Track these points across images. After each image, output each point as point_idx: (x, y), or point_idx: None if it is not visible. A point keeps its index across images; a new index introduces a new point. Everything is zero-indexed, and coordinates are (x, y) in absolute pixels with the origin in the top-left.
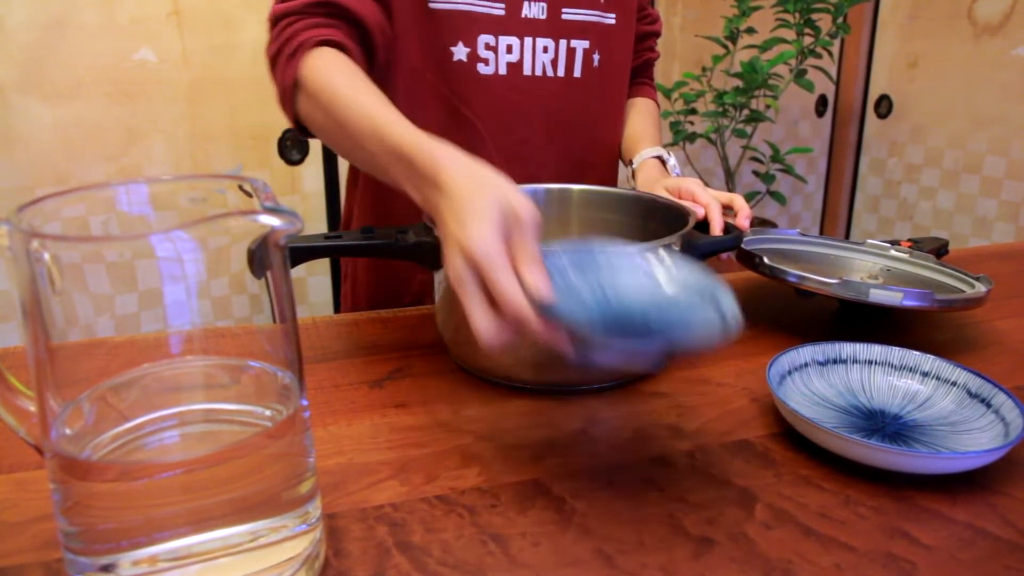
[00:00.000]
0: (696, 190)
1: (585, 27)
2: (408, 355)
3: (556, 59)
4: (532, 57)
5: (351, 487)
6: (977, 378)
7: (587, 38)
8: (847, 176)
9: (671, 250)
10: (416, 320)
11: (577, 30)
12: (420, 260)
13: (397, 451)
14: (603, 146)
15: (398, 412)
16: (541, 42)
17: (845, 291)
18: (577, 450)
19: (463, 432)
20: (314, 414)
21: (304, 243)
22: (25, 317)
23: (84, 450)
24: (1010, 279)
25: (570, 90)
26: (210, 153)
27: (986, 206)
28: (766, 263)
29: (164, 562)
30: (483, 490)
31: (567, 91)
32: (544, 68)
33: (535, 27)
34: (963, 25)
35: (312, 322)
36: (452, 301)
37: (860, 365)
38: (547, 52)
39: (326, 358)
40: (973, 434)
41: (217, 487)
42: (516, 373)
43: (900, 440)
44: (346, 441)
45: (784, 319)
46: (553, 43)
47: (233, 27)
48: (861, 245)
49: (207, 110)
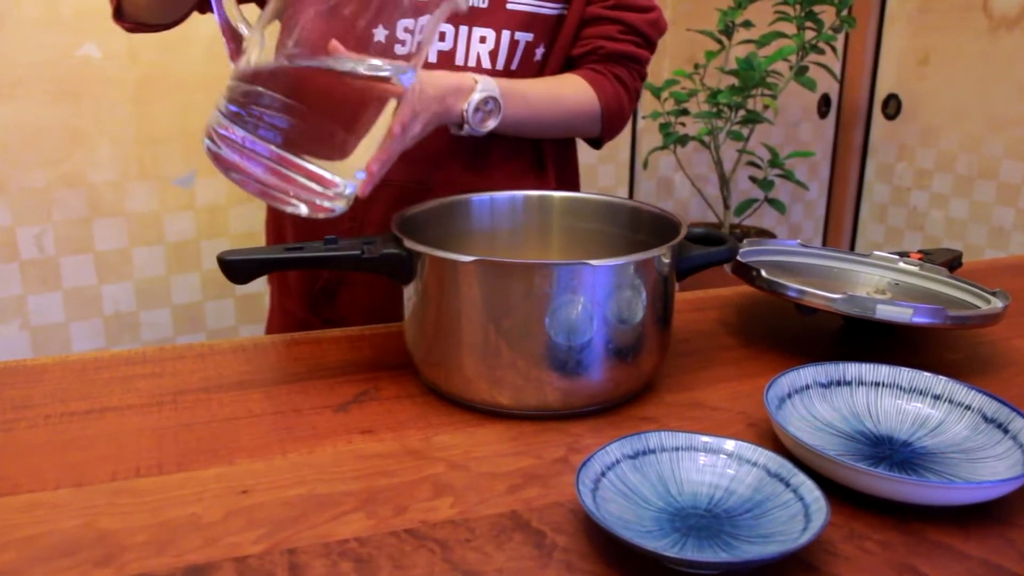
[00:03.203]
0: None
1: (531, 19)
2: (375, 377)
3: (496, 51)
4: (467, 47)
5: (313, 520)
6: (993, 401)
7: (532, 31)
8: (852, 182)
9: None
10: (383, 339)
11: (522, 22)
12: (389, 273)
13: (363, 481)
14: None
15: (364, 438)
16: (479, 31)
17: (850, 307)
18: (558, 480)
19: (435, 460)
20: (273, 441)
21: (262, 255)
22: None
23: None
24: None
25: None
26: (160, 157)
27: (1003, 215)
28: (764, 277)
29: None
30: (456, 523)
31: None
32: (479, 59)
33: (475, 16)
34: (978, 18)
35: (271, 341)
36: (422, 318)
37: (866, 387)
38: (484, 43)
39: (286, 380)
40: (989, 462)
41: None
42: (492, 396)
43: (909, 469)
44: (308, 470)
45: (783, 337)
46: (493, 33)
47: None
48: (867, 257)
49: (156, 110)
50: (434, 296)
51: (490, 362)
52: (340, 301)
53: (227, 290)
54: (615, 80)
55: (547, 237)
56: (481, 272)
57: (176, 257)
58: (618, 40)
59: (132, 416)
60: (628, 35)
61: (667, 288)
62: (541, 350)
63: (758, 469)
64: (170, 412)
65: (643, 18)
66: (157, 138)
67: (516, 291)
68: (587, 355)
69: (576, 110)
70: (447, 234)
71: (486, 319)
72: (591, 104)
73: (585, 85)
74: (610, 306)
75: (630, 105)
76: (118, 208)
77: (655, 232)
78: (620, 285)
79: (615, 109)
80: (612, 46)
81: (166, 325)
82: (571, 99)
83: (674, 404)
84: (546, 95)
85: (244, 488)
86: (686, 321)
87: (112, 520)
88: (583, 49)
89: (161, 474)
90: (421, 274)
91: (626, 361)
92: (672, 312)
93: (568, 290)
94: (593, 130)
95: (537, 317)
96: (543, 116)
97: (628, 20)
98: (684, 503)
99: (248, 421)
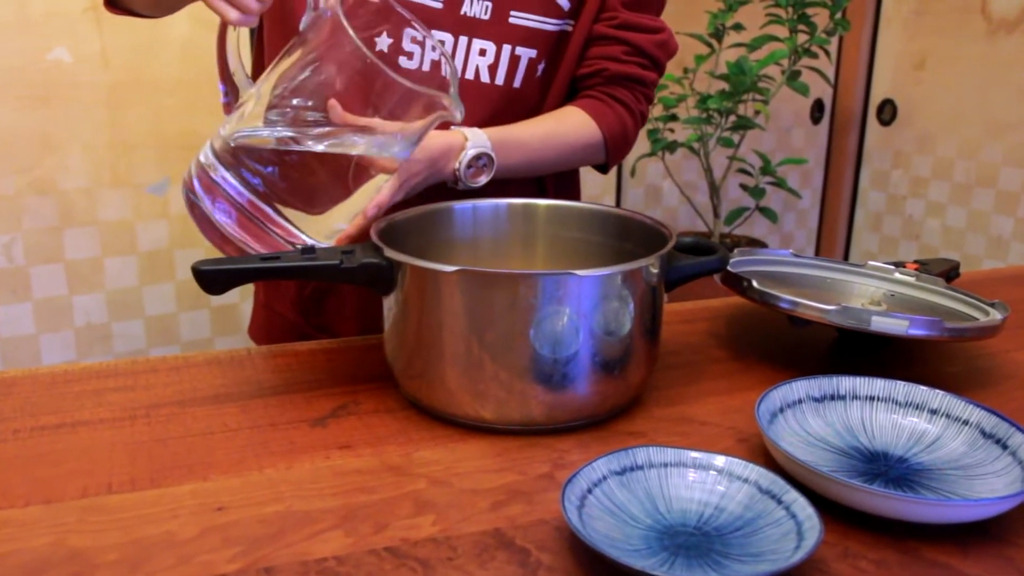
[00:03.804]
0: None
1: (534, 34)
2: (354, 390)
3: (495, 65)
4: (465, 58)
5: (290, 537)
6: (992, 416)
7: (535, 47)
8: (846, 190)
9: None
10: (362, 351)
11: (524, 36)
12: (368, 283)
13: (342, 497)
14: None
15: (343, 454)
16: (479, 44)
17: (844, 319)
18: (543, 497)
19: (415, 476)
20: (248, 456)
21: (238, 265)
22: None
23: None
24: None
25: (507, 101)
26: (133, 164)
27: (1002, 224)
28: (755, 287)
29: None
30: (438, 541)
31: (503, 102)
32: (478, 72)
33: (475, 27)
34: (976, 21)
35: (247, 353)
36: (403, 329)
37: (861, 401)
38: (484, 56)
39: (262, 393)
40: (987, 479)
41: None
42: (475, 410)
43: (905, 486)
44: (285, 486)
45: (775, 350)
46: (494, 47)
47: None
48: (862, 267)
49: (129, 116)
50: (415, 307)
51: (473, 375)
52: (327, 308)
53: (202, 301)
54: (618, 105)
55: (532, 246)
56: (464, 282)
57: (149, 267)
58: (623, 62)
59: (104, 431)
60: (634, 56)
61: (655, 299)
62: (525, 363)
63: (749, 486)
64: (143, 427)
65: (650, 39)
66: (130, 144)
67: (500, 302)
68: (573, 368)
69: (577, 145)
70: (429, 243)
71: (469, 331)
72: (592, 137)
73: (585, 118)
74: (596, 318)
75: (635, 130)
76: (90, 216)
77: (643, 241)
78: (607, 296)
79: (619, 137)
80: (616, 68)
81: (139, 337)
82: (571, 136)
83: (662, 419)
84: (543, 136)
85: (219, 505)
86: (675, 333)
87: (83, 538)
88: (587, 70)
89: (134, 490)
90: (402, 284)
91: (613, 374)
92: (660, 324)
93: (553, 301)
94: (597, 159)
95: (521, 329)
96: (541, 159)
97: (634, 41)
98: (673, 521)
99: (223, 436)
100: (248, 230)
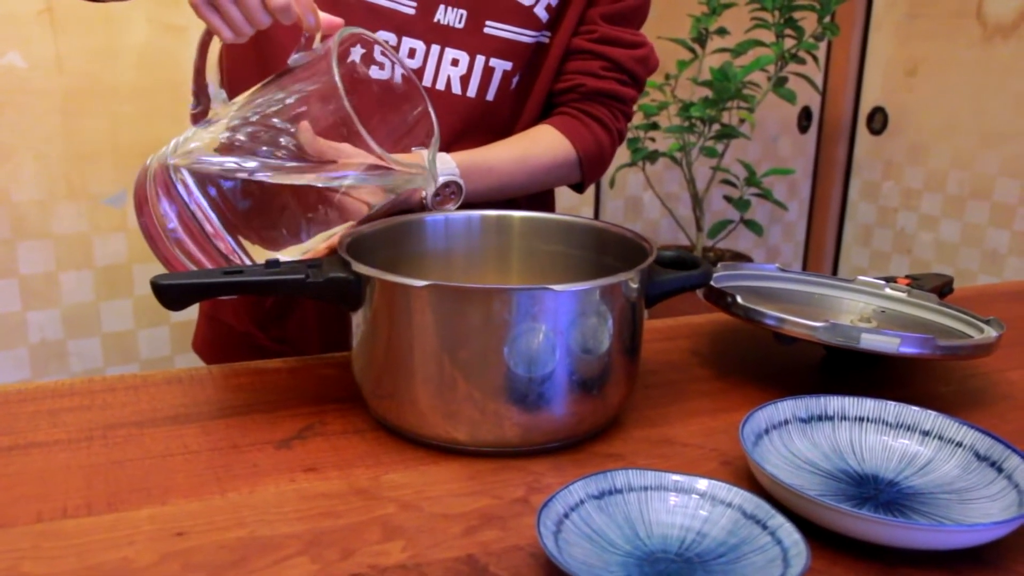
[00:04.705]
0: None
1: (510, 46)
2: (320, 410)
3: (468, 76)
4: (437, 67)
5: (254, 564)
6: (986, 438)
7: (510, 59)
8: (834, 202)
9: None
10: (329, 369)
11: (499, 48)
12: (336, 299)
13: (307, 522)
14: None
15: (308, 477)
16: (452, 53)
17: (832, 336)
18: (518, 521)
19: (385, 500)
20: (210, 479)
21: (199, 279)
22: None
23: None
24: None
25: (479, 114)
26: (88, 174)
27: (997, 238)
28: (740, 303)
29: None
30: (408, 568)
31: (474, 115)
32: (449, 83)
33: (448, 36)
34: (971, 25)
35: (209, 372)
36: (372, 347)
37: (849, 423)
38: (457, 66)
39: (224, 413)
40: (981, 504)
41: None
42: (447, 432)
43: (896, 510)
44: (247, 511)
45: (761, 369)
46: (467, 57)
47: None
48: (851, 283)
49: (85, 124)
50: (384, 323)
51: (445, 395)
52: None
53: (161, 317)
54: (594, 123)
55: (506, 260)
56: (435, 298)
57: (106, 282)
58: (601, 77)
59: (59, 452)
60: (612, 72)
61: (635, 315)
62: (499, 382)
63: (733, 510)
64: (100, 448)
65: (630, 54)
66: (86, 154)
67: (473, 318)
68: (549, 387)
69: (550, 167)
70: (399, 257)
71: (440, 348)
72: (567, 157)
73: (559, 138)
74: (574, 335)
75: (612, 148)
76: (44, 229)
77: (622, 255)
78: (585, 312)
79: (595, 157)
80: (594, 83)
81: (95, 355)
82: (544, 158)
83: (642, 440)
84: (514, 160)
85: (179, 530)
86: (656, 351)
87: (37, 564)
88: (564, 85)
89: (90, 515)
90: (370, 300)
91: (591, 394)
92: (641, 341)
93: (528, 317)
94: (572, 180)
95: (495, 346)
96: (512, 182)
97: (613, 56)
98: (653, 547)
99: (184, 458)
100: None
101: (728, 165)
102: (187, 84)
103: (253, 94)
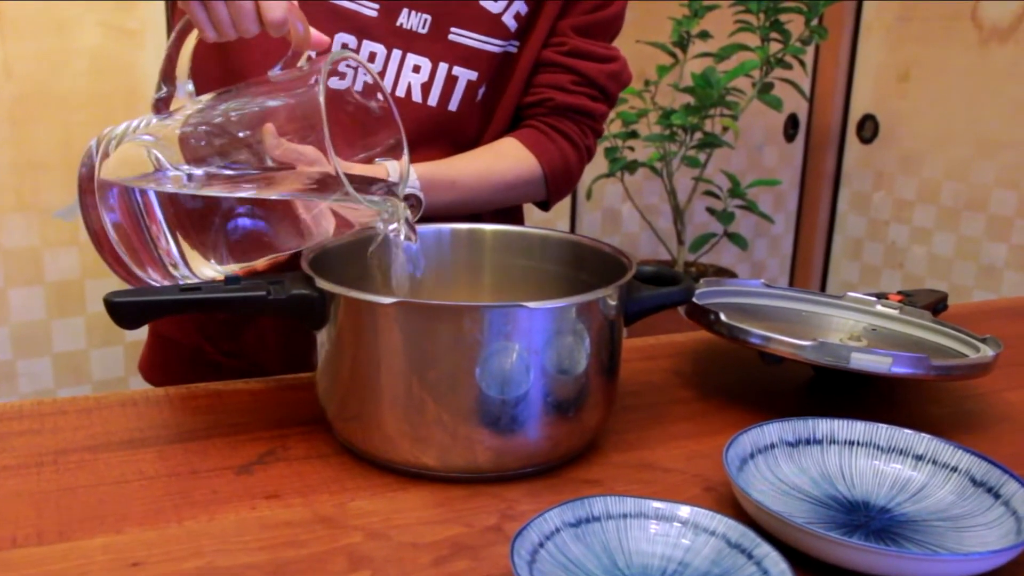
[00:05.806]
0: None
1: (475, 55)
2: (282, 434)
3: (429, 84)
4: (397, 73)
5: None
6: (983, 462)
7: (475, 68)
8: (823, 214)
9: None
10: (292, 390)
11: (464, 56)
12: (299, 316)
13: (269, 552)
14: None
15: (270, 504)
16: (413, 59)
17: (821, 355)
18: (490, 551)
19: (350, 529)
20: (167, 507)
21: (155, 296)
22: None
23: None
24: (1022, 341)
25: (439, 124)
26: (40, 185)
27: (993, 251)
28: (724, 321)
29: None
30: None
31: (434, 125)
32: (409, 90)
33: (410, 41)
34: (966, 28)
35: (165, 394)
36: (337, 367)
37: (839, 446)
38: (418, 73)
39: (181, 438)
40: (978, 531)
41: None
42: (416, 456)
43: (888, 539)
44: (206, 540)
45: (746, 390)
46: (429, 64)
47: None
48: (840, 299)
49: (35, 132)
50: (350, 343)
51: (413, 418)
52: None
53: (115, 336)
54: (561, 139)
55: (478, 276)
56: (403, 315)
57: (57, 299)
58: (571, 92)
59: (7, 479)
60: (582, 87)
61: (613, 334)
62: (471, 404)
63: (716, 539)
64: (51, 474)
65: (601, 69)
66: (36, 163)
67: (443, 337)
68: (523, 410)
69: (515, 183)
70: (365, 272)
71: (409, 369)
72: (531, 173)
73: (524, 153)
74: (549, 354)
75: (579, 165)
76: None
77: (600, 270)
78: (560, 331)
79: (560, 172)
80: (563, 98)
81: (46, 375)
82: (508, 173)
83: (621, 465)
84: (477, 174)
85: (134, 560)
86: (635, 371)
87: None
88: (532, 99)
89: (40, 544)
90: (335, 318)
91: (567, 416)
92: (619, 361)
93: (501, 336)
94: (537, 197)
95: (466, 367)
96: (475, 198)
97: (583, 70)
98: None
99: (139, 484)
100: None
101: (711, 175)
102: (142, 90)
103: (221, 96)
